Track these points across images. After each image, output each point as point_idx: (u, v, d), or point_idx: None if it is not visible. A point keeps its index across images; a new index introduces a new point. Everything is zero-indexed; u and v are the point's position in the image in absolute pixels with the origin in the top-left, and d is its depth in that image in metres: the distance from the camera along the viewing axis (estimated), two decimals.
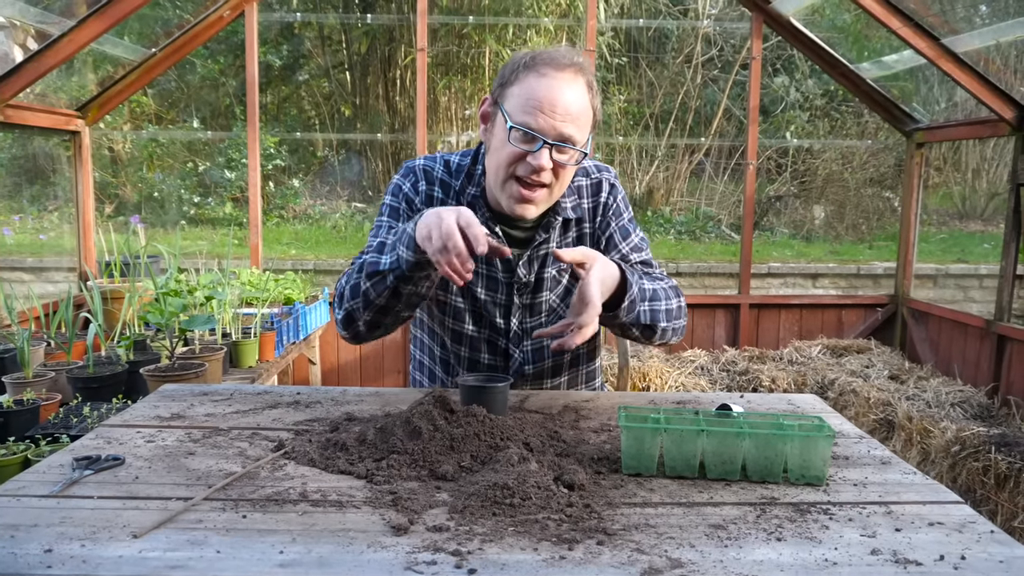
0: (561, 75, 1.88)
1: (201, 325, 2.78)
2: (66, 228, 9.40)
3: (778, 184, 11.60)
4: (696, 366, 5.44)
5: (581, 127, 1.90)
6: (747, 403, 2.04)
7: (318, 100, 11.96)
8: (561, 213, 2.11)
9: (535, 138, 1.87)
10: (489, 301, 2.15)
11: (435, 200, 2.12)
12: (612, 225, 2.19)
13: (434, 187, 2.13)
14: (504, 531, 1.25)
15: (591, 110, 1.94)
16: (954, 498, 1.45)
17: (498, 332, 2.17)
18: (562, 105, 1.86)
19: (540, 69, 1.88)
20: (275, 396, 2.04)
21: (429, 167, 2.15)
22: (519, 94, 1.89)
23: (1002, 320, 4.98)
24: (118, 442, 1.66)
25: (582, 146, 1.92)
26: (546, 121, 1.86)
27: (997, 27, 4.72)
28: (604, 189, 2.19)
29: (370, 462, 1.53)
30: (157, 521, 1.27)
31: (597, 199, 2.19)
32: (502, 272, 2.13)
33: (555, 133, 1.87)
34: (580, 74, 1.91)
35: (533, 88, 1.87)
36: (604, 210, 2.19)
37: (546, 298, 2.17)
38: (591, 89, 1.94)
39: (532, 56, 1.92)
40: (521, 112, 1.88)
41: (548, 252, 2.12)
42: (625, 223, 2.22)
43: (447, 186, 2.13)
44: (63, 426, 2.45)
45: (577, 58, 1.93)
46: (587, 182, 2.19)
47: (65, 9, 4.41)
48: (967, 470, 3.73)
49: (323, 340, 5.64)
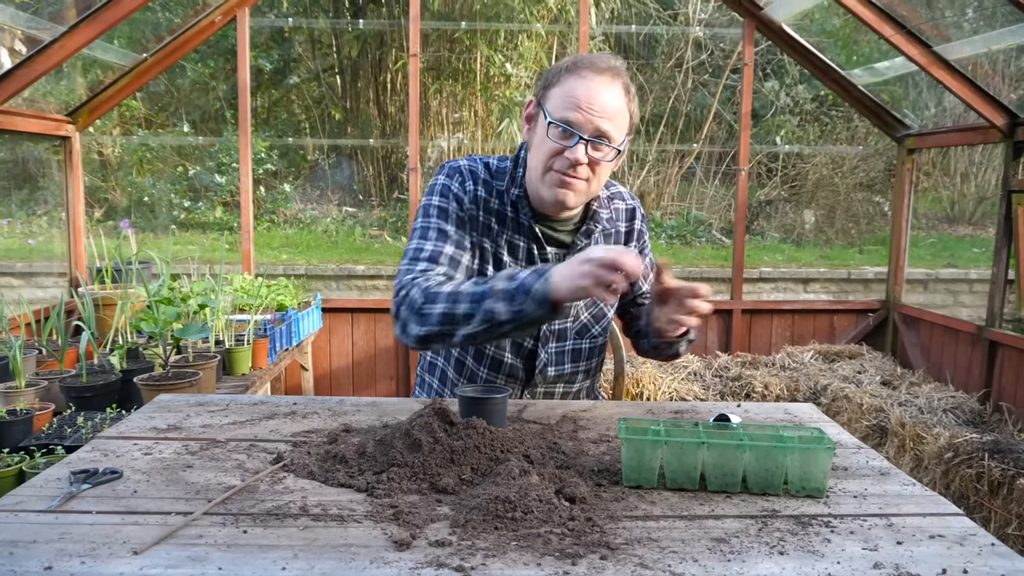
0: (599, 77, 2.00)
1: (195, 334, 2.77)
2: (56, 233, 9.37)
3: (769, 188, 11.63)
4: (689, 372, 5.45)
5: (617, 125, 2.02)
6: (744, 412, 2.04)
7: (308, 104, 11.94)
8: (600, 222, 2.21)
9: (572, 133, 1.99)
10: None
11: (480, 200, 2.17)
12: (647, 258, 2.33)
13: (478, 187, 2.18)
14: (507, 546, 1.25)
15: (627, 112, 2.05)
16: (954, 510, 1.45)
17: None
18: (599, 103, 1.98)
19: (580, 71, 2.01)
20: (272, 406, 2.03)
21: (474, 167, 2.21)
22: (559, 94, 2.02)
23: (993, 326, 4.99)
24: (115, 455, 1.65)
25: (618, 144, 2.03)
26: (583, 116, 1.97)
27: (988, 35, 4.74)
28: (638, 217, 2.33)
29: (370, 475, 1.52)
30: (157, 537, 1.26)
31: (632, 224, 2.31)
32: None
33: (591, 128, 1.98)
34: (618, 77, 2.03)
35: (573, 87, 2.00)
36: (639, 237, 2.32)
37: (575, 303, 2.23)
38: (628, 92, 2.05)
39: (574, 60, 2.05)
40: (560, 109, 2.00)
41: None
42: (649, 258, 2.36)
43: (490, 186, 2.19)
44: (57, 436, 2.43)
45: (616, 62, 2.05)
46: (624, 205, 2.32)
47: (56, 15, 4.39)
48: (960, 477, 3.74)
49: (315, 346, 5.62)
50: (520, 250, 2.18)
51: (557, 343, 2.24)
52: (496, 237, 2.17)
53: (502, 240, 2.17)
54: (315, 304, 5.17)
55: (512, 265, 2.17)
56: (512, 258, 2.18)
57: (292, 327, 4.45)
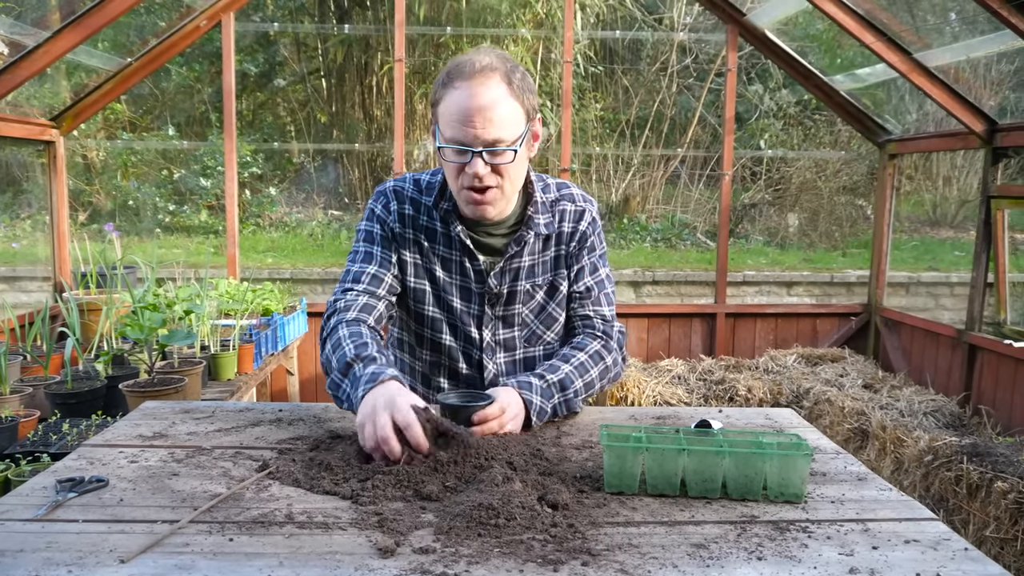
0: (472, 83, 1.92)
1: (181, 340, 2.77)
2: (40, 237, 9.31)
3: (752, 192, 11.69)
4: (673, 375, 5.48)
5: (506, 125, 1.94)
6: (725, 418, 2.07)
7: (294, 107, 11.93)
8: (533, 228, 2.15)
9: (465, 151, 1.94)
10: (464, 311, 2.18)
11: (407, 218, 2.16)
12: (584, 259, 2.23)
13: (404, 205, 2.17)
14: (490, 552, 1.27)
15: (515, 104, 1.96)
16: (929, 515, 1.48)
17: (472, 343, 2.20)
18: (480, 114, 1.91)
19: (453, 84, 1.94)
20: (257, 413, 2.05)
21: (399, 187, 2.20)
22: (443, 112, 1.97)
23: (973, 330, 5.05)
24: (101, 463, 1.66)
25: (513, 142, 1.96)
26: (468, 132, 1.92)
27: (968, 42, 4.80)
28: (586, 219, 2.23)
29: (355, 482, 1.54)
30: (144, 545, 1.28)
31: (577, 226, 2.22)
32: (475, 283, 2.16)
33: (480, 141, 1.92)
34: (492, 73, 1.94)
35: (450, 105, 1.94)
36: (581, 239, 2.22)
37: (519, 311, 2.20)
38: (509, 82, 1.96)
39: (447, 71, 1.98)
40: (447, 129, 1.95)
41: (520, 266, 2.16)
42: (596, 259, 2.26)
43: (417, 203, 2.17)
44: (43, 444, 2.44)
45: (486, 59, 1.96)
46: (572, 208, 2.22)
47: (40, 20, 4.38)
48: (940, 480, 3.78)
49: (301, 351, 5.62)
50: (453, 263, 2.16)
51: (506, 353, 2.23)
52: (427, 253, 2.16)
53: (434, 256, 2.16)
54: (301, 308, 5.17)
55: (448, 279, 2.17)
56: (446, 272, 2.17)
57: (278, 332, 4.46)
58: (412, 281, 2.18)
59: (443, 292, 2.17)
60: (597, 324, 2.22)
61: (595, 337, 2.19)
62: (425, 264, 2.17)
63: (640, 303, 8.53)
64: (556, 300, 2.23)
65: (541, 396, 1.95)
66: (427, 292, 2.18)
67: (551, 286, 2.21)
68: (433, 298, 2.18)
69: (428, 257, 2.17)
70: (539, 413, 1.93)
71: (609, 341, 2.19)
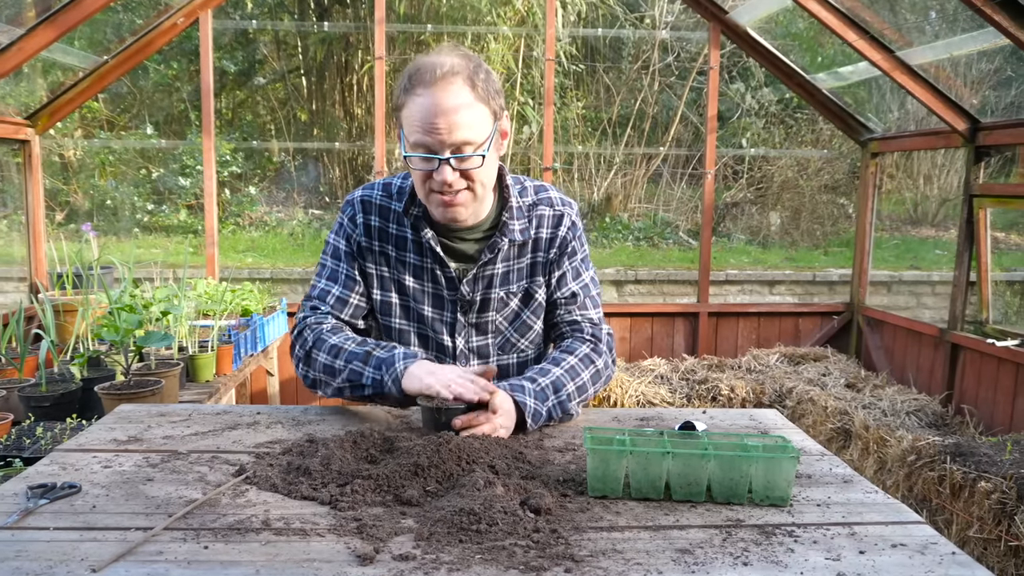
0: (434, 88, 1.87)
1: (158, 342, 2.73)
2: (15, 237, 9.21)
3: (735, 190, 11.72)
4: (656, 375, 5.47)
5: (472, 128, 1.90)
6: (710, 419, 2.05)
7: (274, 105, 11.85)
8: (508, 235, 2.10)
9: (431, 157, 1.90)
10: (436, 319, 2.15)
11: (374, 230, 2.13)
12: (565, 264, 2.19)
13: (371, 216, 2.13)
14: (471, 559, 1.24)
15: (479, 105, 1.92)
16: (915, 518, 1.46)
17: (444, 352, 2.17)
18: (443, 119, 1.86)
19: (415, 90, 1.89)
20: (234, 416, 2.01)
21: (367, 197, 2.16)
22: (406, 118, 1.92)
23: (955, 329, 5.06)
24: (74, 468, 1.62)
25: (481, 145, 1.92)
26: (433, 139, 1.88)
27: (950, 40, 4.81)
28: (565, 224, 2.18)
29: (334, 487, 1.50)
30: (116, 554, 1.24)
31: (556, 231, 2.17)
32: (447, 290, 2.12)
33: (446, 147, 1.88)
34: (454, 77, 1.89)
35: (413, 111, 1.89)
36: (561, 244, 2.18)
37: (492, 318, 2.16)
38: (473, 84, 1.91)
39: (409, 76, 1.93)
40: (412, 136, 1.91)
41: (494, 273, 2.13)
42: (578, 263, 2.22)
43: (386, 210, 2.13)
44: (16, 448, 2.39)
45: (448, 60, 1.90)
46: (550, 212, 2.18)
47: (14, 17, 4.32)
48: (923, 480, 3.78)
49: (281, 351, 5.57)
50: (424, 271, 2.12)
51: (479, 360, 2.19)
52: (395, 265, 2.13)
53: (403, 265, 2.12)
54: (280, 309, 5.13)
55: (419, 287, 2.14)
56: (416, 280, 2.13)
57: (257, 332, 4.41)
58: (379, 294, 2.16)
59: (413, 301, 2.14)
60: (586, 328, 2.19)
61: (584, 340, 2.15)
62: (393, 276, 2.14)
63: (622, 302, 8.52)
64: (531, 308, 2.19)
65: (535, 399, 1.92)
66: (394, 304, 2.16)
67: (526, 293, 2.18)
68: (401, 309, 2.16)
69: (396, 268, 2.14)
70: (534, 416, 1.90)
71: (598, 344, 2.16)
